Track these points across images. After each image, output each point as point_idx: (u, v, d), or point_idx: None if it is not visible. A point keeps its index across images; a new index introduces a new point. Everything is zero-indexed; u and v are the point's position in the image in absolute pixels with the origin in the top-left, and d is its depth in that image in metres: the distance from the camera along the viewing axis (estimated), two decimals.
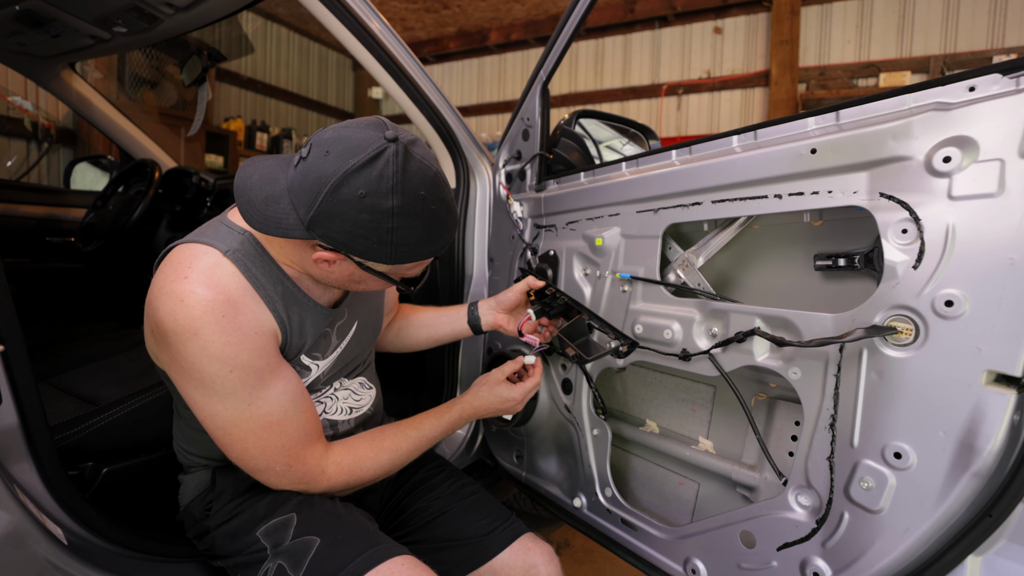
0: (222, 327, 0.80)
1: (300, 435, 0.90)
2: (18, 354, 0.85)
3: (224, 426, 0.86)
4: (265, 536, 0.92)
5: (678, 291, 1.09)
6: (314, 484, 0.93)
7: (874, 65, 4.33)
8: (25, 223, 2.21)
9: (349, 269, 0.85)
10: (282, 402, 0.88)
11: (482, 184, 1.62)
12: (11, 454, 0.85)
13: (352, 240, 0.78)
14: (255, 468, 0.90)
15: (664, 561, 1.10)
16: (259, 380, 0.85)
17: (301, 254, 0.87)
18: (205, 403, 0.84)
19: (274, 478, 0.91)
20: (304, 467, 0.91)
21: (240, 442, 0.86)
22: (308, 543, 0.89)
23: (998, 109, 0.71)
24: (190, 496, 1.04)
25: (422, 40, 6.35)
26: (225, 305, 0.81)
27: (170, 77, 4.89)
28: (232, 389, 0.83)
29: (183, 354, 0.80)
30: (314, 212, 0.76)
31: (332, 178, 0.74)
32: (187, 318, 0.79)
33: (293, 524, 0.92)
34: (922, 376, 0.75)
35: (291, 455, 0.89)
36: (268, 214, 0.80)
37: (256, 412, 0.85)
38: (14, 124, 3.79)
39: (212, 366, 0.80)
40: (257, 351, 0.84)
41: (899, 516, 0.78)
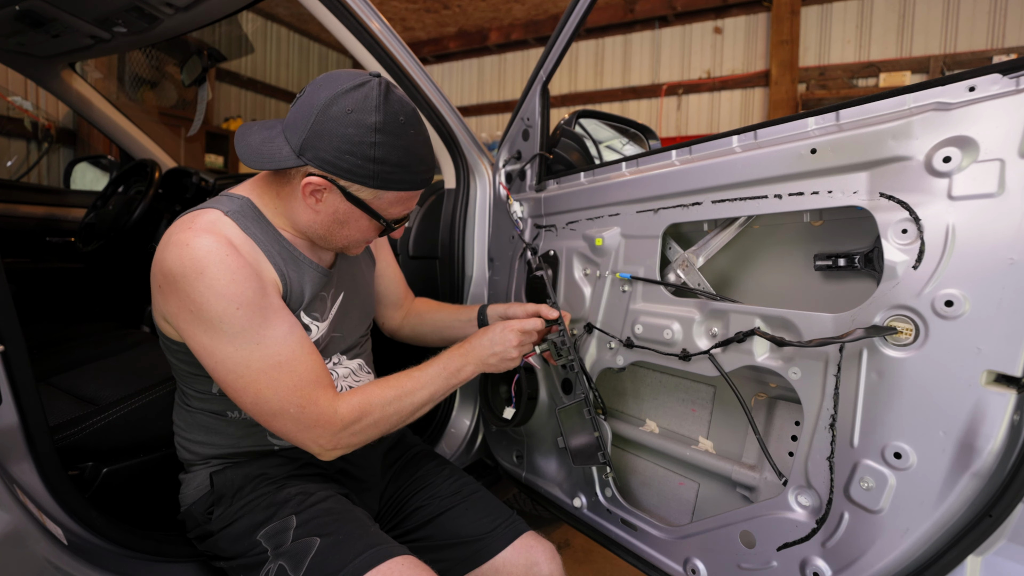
0: (227, 265, 0.84)
1: (311, 375, 0.89)
2: (18, 354, 0.85)
3: (235, 369, 0.85)
4: (266, 539, 0.92)
5: (678, 291, 1.09)
6: (328, 426, 0.90)
7: (874, 65, 4.33)
8: (25, 223, 2.21)
9: (335, 203, 0.91)
10: (290, 342, 0.88)
11: (482, 184, 1.62)
12: (11, 454, 0.86)
13: (339, 157, 0.86)
14: (269, 412, 0.88)
15: (664, 561, 1.10)
16: (265, 318, 0.86)
17: (293, 206, 0.94)
18: (215, 347, 0.85)
19: (289, 423, 0.88)
20: (317, 408, 0.89)
21: (252, 384, 0.86)
22: (308, 544, 0.89)
23: (998, 109, 0.71)
24: (192, 498, 1.03)
25: (422, 40, 6.35)
26: (228, 246, 0.86)
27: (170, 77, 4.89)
28: (240, 327, 0.84)
29: (191, 295, 0.83)
30: (306, 135, 0.86)
31: (323, 101, 0.85)
32: (192, 259, 0.83)
33: (293, 526, 0.92)
34: (922, 376, 0.75)
35: (303, 396, 0.88)
36: (263, 151, 0.90)
37: (266, 351, 0.86)
38: (14, 124, 3.79)
39: (219, 303, 0.83)
40: (261, 290, 0.87)
41: (899, 516, 0.78)
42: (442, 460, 1.24)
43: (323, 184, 0.88)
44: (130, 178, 2.14)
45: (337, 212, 0.92)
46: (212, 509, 0.99)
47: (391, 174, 0.88)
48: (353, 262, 1.14)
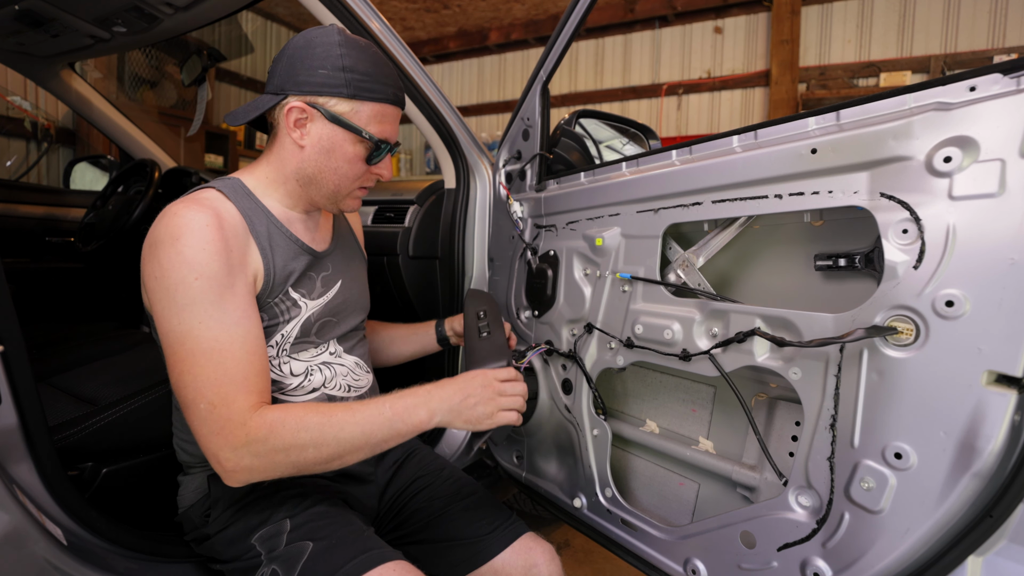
0: (203, 234, 0.84)
1: (237, 375, 0.83)
2: (18, 354, 0.85)
3: (172, 344, 0.83)
4: (260, 543, 0.92)
5: (678, 291, 1.09)
6: (231, 436, 0.81)
7: (874, 65, 4.32)
8: (25, 223, 2.20)
9: (318, 130, 0.94)
10: (232, 333, 0.84)
11: (482, 184, 1.62)
12: (10, 454, 0.85)
13: (311, 74, 0.91)
14: (183, 400, 0.83)
15: (664, 561, 1.10)
16: (220, 297, 0.84)
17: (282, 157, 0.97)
18: (164, 318, 0.83)
19: (197, 421, 0.82)
20: (228, 411, 0.81)
21: (179, 363, 0.83)
22: (301, 548, 0.88)
23: (999, 109, 0.71)
24: (189, 500, 1.03)
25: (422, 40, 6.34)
26: (213, 217, 0.86)
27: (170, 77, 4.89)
28: (191, 299, 0.82)
29: (160, 260, 0.83)
30: (280, 71, 0.93)
31: (290, 48, 0.93)
32: (174, 225, 0.84)
33: (287, 530, 0.92)
34: (923, 376, 0.75)
35: (220, 393, 0.81)
36: (247, 109, 0.96)
37: (203, 332, 0.82)
38: (14, 124, 3.79)
39: (181, 270, 0.82)
40: (228, 269, 0.86)
41: (900, 516, 0.78)
42: (442, 462, 1.24)
43: (304, 108, 0.92)
44: (130, 178, 2.13)
45: (322, 139, 0.94)
46: (209, 512, 0.99)
47: (362, 82, 0.93)
48: (349, 254, 1.14)
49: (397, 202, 1.69)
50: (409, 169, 6.54)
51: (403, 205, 1.67)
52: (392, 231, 1.63)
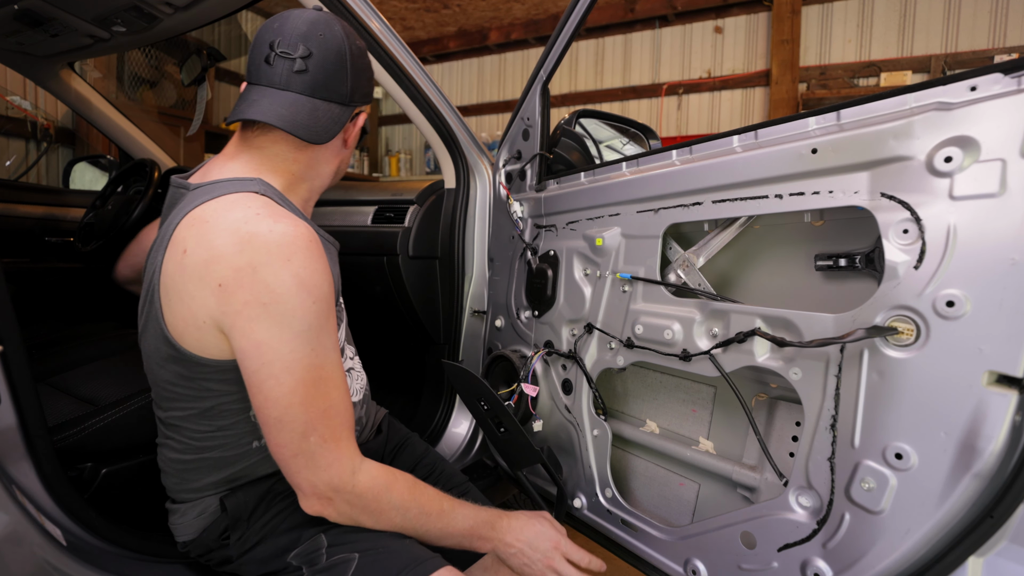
0: (312, 252, 0.79)
1: (343, 408, 0.82)
2: (17, 354, 0.85)
3: (279, 373, 0.77)
4: (298, 559, 0.88)
5: (678, 291, 1.09)
6: (337, 482, 0.81)
7: (875, 65, 4.32)
8: (24, 223, 2.20)
9: (354, 131, 0.97)
10: (335, 361, 0.82)
11: (482, 184, 1.61)
12: (10, 455, 0.85)
13: (367, 84, 0.94)
14: (290, 432, 0.78)
15: (664, 562, 1.10)
16: (328, 321, 0.81)
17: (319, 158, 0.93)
18: (271, 343, 0.76)
19: (299, 454, 0.79)
20: (338, 452, 0.81)
21: (289, 393, 0.77)
22: (346, 560, 0.85)
23: (999, 109, 0.71)
24: (195, 527, 0.95)
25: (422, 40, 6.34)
26: (309, 232, 0.81)
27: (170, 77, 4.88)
28: (307, 325, 0.78)
29: (271, 284, 0.76)
30: (351, 82, 0.90)
31: (341, 44, 0.88)
32: (280, 244, 0.77)
33: (324, 545, 0.88)
34: (923, 377, 0.75)
35: (330, 427, 0.80)
36: (325, 124, 0.88)
37: (315, 360, 0.79)
38: (13, 124, 3.79)
39: (300, 294, 0.77)
40: (331, 289, 0.83)
41: (900, 517, 0.78)
42: (434, 455, 1.23)
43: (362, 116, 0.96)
44: (129, 178, 2.13)
45: (353, 138, 0.98)
46: (227, 534, 0.93)
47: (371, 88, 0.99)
48: None
49: (397, 202, 1.69)
50: (409, 169, 6.53)
51: (403, 205, 1.67)
52: (392, 231, 1.63)
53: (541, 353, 1.34)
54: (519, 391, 1.31)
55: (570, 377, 1.29)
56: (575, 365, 1.27)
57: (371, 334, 2.03)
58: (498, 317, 1.52)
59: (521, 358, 1.39)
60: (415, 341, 1.79)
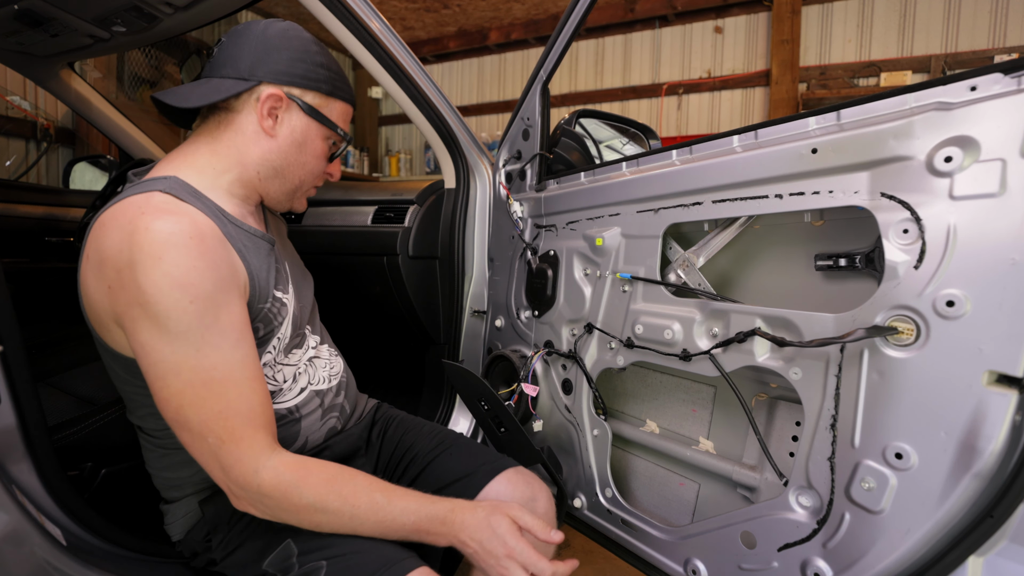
0: (189, 249, 0.76)
1: (242, 407, 0.78)
2: (17, 354, 0.85)
3: (165, 375, 0.76)
4: (272, 567, 0.87)
5: (678, 291, 1.09)
6: (241, 481, 0.78)
7: (875, 65, 4.32)
8: (24, 223, 2.20)
9: (292, 121, 0.91)
10: (231, 357, 0.78)
11: (482, 184, 1.61)
12: (10, 454, 0.85)
13: (292, 65, 0.89)
14: (186, 434, 0.78)
15: (664, 562, 1.10)
16: (216, 320, 0.77)
17: (239, 147, 0.90)
18: (153, 346, 0.75)
19: (204, 454, 0.78)
20: (239, 451, 0.77)
21: (177, 395, 0.76)
22: (315, 569, 0.83)
23: (999, 109, 0.71)
24: (183, 527, 0.97)
25: (422, 40, 6.34)
26: (192, 228, 0.78)
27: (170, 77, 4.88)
28: (186, 326, 0.75)
29: (142, 285, 0.74)
30: (252, 58, 0.87)
31: (257, 31, 0.89)
32: (152, 243, 0.74)
33: (295, 553, 0.86)
34: (923, 376, 0.75)
35: (227, 428, 0.77)
36: (201, 91, 0.86)
37: (202, 361, 0.76)
38: (13, 124, 3.79)
39: (173, 294, 0.74)
40: (221, 285, 0.79)
41: (900, 517, 0.78)
42: (421, 420, 1.21)
43: (281, 97, 0.89)
44: None
45: (295, 131, 0.92)
46: (209, 537, 0.94)
47: (336, 81, 0.94)
48: (276, 227, 1.09)
49: (397, 202, 1.69)
50: (409, 169, 6.53)
51: (403, 205, 1.67)
52: (392, 231, 1.63)
53: (541, 353, 1.34)
54: (519, 391, 1.31)
55: (570, 377, 1.29)
56: (575, 365, 1.27)
57: (371, 334, 2.03)
58: (498, 317, 1.52)
59: (521, 358, 1.39)
60: (415, 341, 1.79)
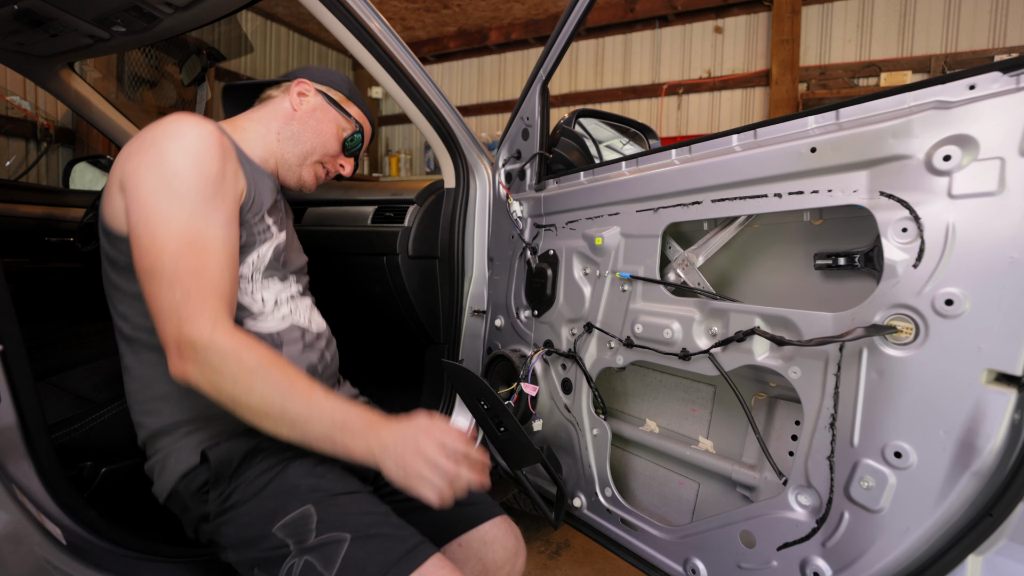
0: (205, 139, 0.90)
1: (216, 274, 0.85)
2: (17, 353, 0.85)
3: (155, 227, 0.83)
4: (284, 531, 0.86)
5: (678, 290, 1.09)
6: (196, 335, 0.79)
7: (875, 64, 4.32)
8: (24, 223, 2.20)
9: (315, 102, 1.14)
10: (217, 233, 0.88)
11: (482, 184, 1.61)
12: (10, 454, 0.85)
13: (321, 73, 1.18)
14: (158, 282, 0.81)
15: (664, 561, 1.10)
16: (213, 198, 0.89)
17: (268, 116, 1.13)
18: (152, 200, 0.85)
19: (166, 306, 0.81)
20: (201, 307, 0.81)
21: (160, 245, 0.82)
22: (337, 540, 0.83)
23: (998, 107, 0.71)
24: (172, 479, 0.94)
25: (422, 40, 6.34)
26: (213, 129, 0.93)
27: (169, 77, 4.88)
28: (187, 189, 0.86)
29: (161, 151, 0.87)
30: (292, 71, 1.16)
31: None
32: (178, 126, 0.89)
33: (313, 521, 0.86)
34: (922, 375, 0.75)
35: (198, 286, 0.82)
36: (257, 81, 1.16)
37: (192, 224, 0.85)
38: (13, 124, 3.79)
39: (185, 161, 0.87)
40: (224, 174, 0.92)
41: (899, 515, 0.78)
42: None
43: (310, 86, 1.14)
44: None
45: (316, 109, 1.14)
46: (207, 489, 0.92)
47: (355, 94, 1.21)
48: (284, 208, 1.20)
49: (397, 202, 1.69)
50: (409, 169, 6.53)
51: (403, 205, 1.67)
52: (392, 231, 1.63)
53: (541, 352, 1.34)
54: (519, 390, 1.31)
55: (570, 376, 1.29)
56: (575, 364, 1.27)
57: (371, 334, 2.03)
58: (498, 317, 1.52)
59: (521, 357, 1.39)
60: (415, 340, 1.79)
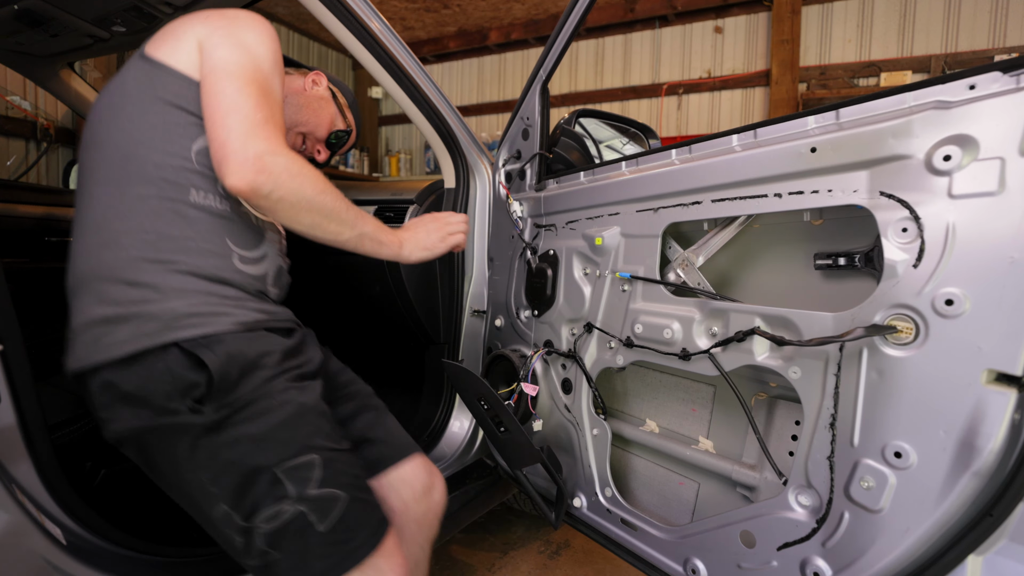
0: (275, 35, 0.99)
1: (279, 112, 0.93)
2: (17, 353, 0.85)
3: (236, 73, 0.89)
4: (287, 475, 0.83)
5: (678, 290, 1.09)
6: (274, 147, 0.86)
7: (875, 65, 4.32)
8: (24, 223, 2.20)
9: (323, 92, 1.30)
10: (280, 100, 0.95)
11: (482, 184, 1.61)
12: (10, 454, 0.85)
13: (336, 81, 1.36)
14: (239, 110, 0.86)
15: (664, 561, 1.10)
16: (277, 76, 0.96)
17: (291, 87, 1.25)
18: (233, 57, 0.90)
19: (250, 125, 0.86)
20: (276, 131, 0.88)
21: (243, 87, 0.88)
22: (334, 497, 0.85)
23: (998, 107, 0.71)
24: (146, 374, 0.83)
25: (422, 40, 6.34)
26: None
27: None
28: (264, 52, 0.94)
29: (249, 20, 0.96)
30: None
31: None
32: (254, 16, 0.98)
33: (318, 469, 0.84)
34: (922, 375, 0.75)
35: (274, 118, 0.89)
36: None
37: (267, 83, 0.92)
38: (13, 124, 3.79)
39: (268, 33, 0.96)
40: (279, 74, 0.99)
41: (899, 515, 0.78)
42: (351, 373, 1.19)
43: (324, 80, 1.31)
44: None
45: (323, 97, 1.29)
46: (200, 398, 0.83)
47: (355, 108, 1.38)
48: None
49: (397, 202, 1.69)
50: (409, 169, 6.53)
51: (403, 205, 1.67)
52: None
53: (541, 352, 1.34)
54: (519, 390, 1.31)
55: (570, 376, 1.29)
56: (575, 364, 1.27)
57: (371, 334, 2.03)
58: (498, 317, 1.52)
59: (521, 357, 1.39)
60: (415, 341, 1.79)
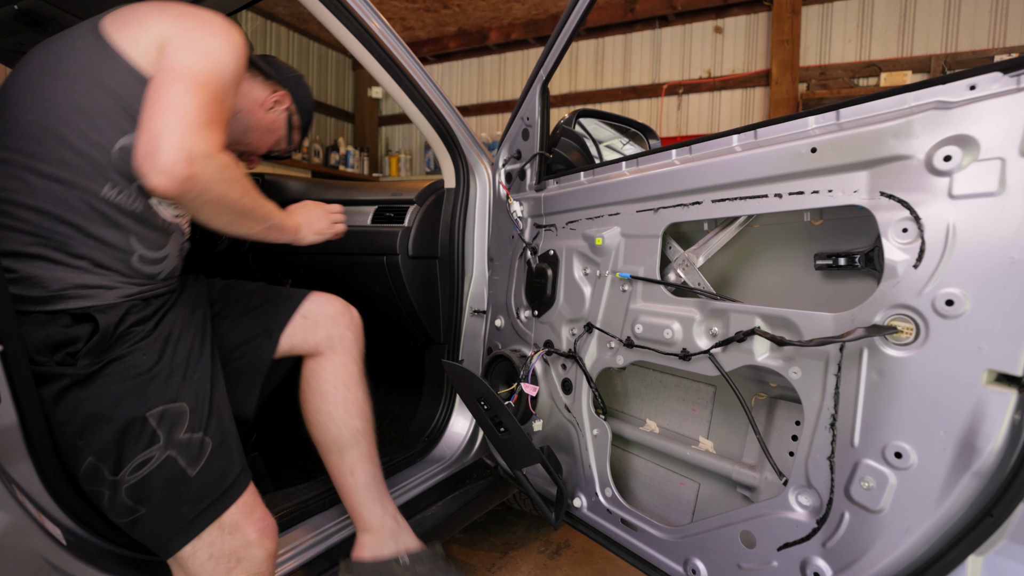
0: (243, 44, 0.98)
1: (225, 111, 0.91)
2: (17, 353, 0.85)
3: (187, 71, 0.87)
4: (158, 420, 0.88)
5: (678, 291, 1.09)
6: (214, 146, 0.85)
7: (875, 65, 4.32)
8: None
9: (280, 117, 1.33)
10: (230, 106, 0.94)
11: (482, 184, 1.61)
12: (10, 454, 0.85)
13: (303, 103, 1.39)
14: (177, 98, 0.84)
15: (664, 561, 1.10)
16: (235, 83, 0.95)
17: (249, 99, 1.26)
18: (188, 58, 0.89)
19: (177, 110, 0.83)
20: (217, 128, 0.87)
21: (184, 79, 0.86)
22: (202, 443, 0.89)
23: (999, 108, 0.71)
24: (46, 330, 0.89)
25: (422, 40, 6.34)
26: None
27: None
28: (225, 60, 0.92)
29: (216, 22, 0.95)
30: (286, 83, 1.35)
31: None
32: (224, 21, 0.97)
33: (186, 418, 0.89)
34: (923, 375, 0.75)
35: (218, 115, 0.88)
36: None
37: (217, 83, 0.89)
38: None
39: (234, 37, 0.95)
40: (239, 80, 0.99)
41: (900, 516, 0.78)
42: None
43: (287, 106, 1.34)
44: None
45: (275, 122, 1.32)
46: (73, 350, 0.88)
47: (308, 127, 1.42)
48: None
49: (397, 202, 1.69)
50: (409, 169, 6.54)
51: (403, 205, 1.67)
52: (392, 231, 1.63)
53: (541, 353, 1.34)
54: (519, 391, 1.31)
55: (570, 376, 1.29)
56: (575, 364, 1.27)
57: (371, 333, 2.03)
58: (498, 317, 1.52)
59: (521, 358, 1.39)
60: (415, 341, 1.79)
